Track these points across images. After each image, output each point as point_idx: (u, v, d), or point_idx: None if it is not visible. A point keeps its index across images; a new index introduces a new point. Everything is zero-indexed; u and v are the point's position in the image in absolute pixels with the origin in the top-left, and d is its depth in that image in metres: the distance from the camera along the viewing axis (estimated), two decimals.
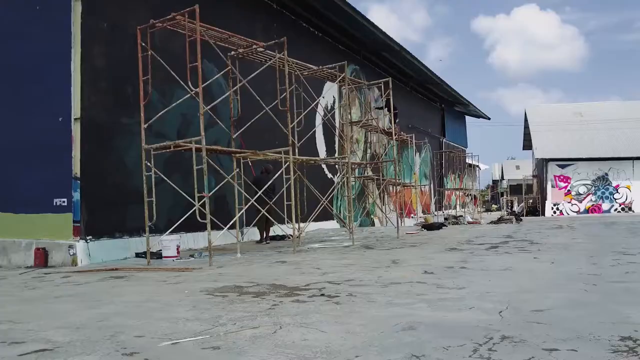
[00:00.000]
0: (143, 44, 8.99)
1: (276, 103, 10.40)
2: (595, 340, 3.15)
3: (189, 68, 8.73)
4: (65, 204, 9.25)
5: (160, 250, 9.35)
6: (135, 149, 9.36)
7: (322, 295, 4.97)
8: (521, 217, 24.38)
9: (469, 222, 22.16)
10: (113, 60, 9.76)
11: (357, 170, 19.03)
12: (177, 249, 9.45)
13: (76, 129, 9.17)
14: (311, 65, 12.04)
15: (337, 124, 17.38)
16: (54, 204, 9.35)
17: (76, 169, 9.14)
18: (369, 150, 20.26)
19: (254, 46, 10.23)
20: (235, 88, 10.42)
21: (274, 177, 10.46)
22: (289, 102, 10.58)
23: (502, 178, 56.06)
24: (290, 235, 12.46)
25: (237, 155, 10.29)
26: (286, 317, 4.01)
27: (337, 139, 17.21)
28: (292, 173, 9.86)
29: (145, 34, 9.04)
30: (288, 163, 9.89)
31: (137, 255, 9.58)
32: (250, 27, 13.29)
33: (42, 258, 9.15)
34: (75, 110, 9.17)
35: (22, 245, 9.51)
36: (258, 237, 12.33)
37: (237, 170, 10.40)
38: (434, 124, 29.90)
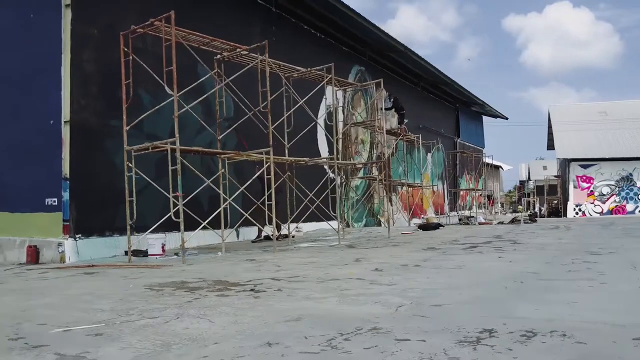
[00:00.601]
0: (125, 49, 9.34)
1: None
2: (456, 332, 3.23)
3: (173, 71, 8.92)
4: (56, 203, 9.67)
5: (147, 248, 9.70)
6: None
7: (252, 290, 5.14)
8: (535, 218, 23.99)
9: (480, 223, 21.93)
10: (103, 65, 10.12)
11: (362, 171, 19.13)
12: (162, 247, 9.77)
13: (66, 132, 9.58)
14: (299, 67, 12.22)
15: (339, 126, 17.48)
16: (46, 203, 9.79)
17: (66, 169, 9.54)
18: (375, 151, 20.28)
19: (237, 50, 10.49)
20: (214, 90, 10.67)
21: (254, 177, 10.70)
22: (275, 103, 10.78)
23: (529, 178, 55.07)
24: (286, 234, 12.73)
25: (222, 156, 10.55)
26: (193, 310, 4.20)
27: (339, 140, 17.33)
28: (272, 173, 10.07)
29: (133, 39, 9.38)
30: (269, 164, 10.12)
31: (126, 253, 9.93)
32: (249, 29, 13.55)
33: (33, 255, 9.58)
34: (65, 113, 9.59)
35: (16, 243, 9.97)
36: (254, 237, 12.59)
37: (223, 170, 10.66)
38: (448, 124, 29.64)
